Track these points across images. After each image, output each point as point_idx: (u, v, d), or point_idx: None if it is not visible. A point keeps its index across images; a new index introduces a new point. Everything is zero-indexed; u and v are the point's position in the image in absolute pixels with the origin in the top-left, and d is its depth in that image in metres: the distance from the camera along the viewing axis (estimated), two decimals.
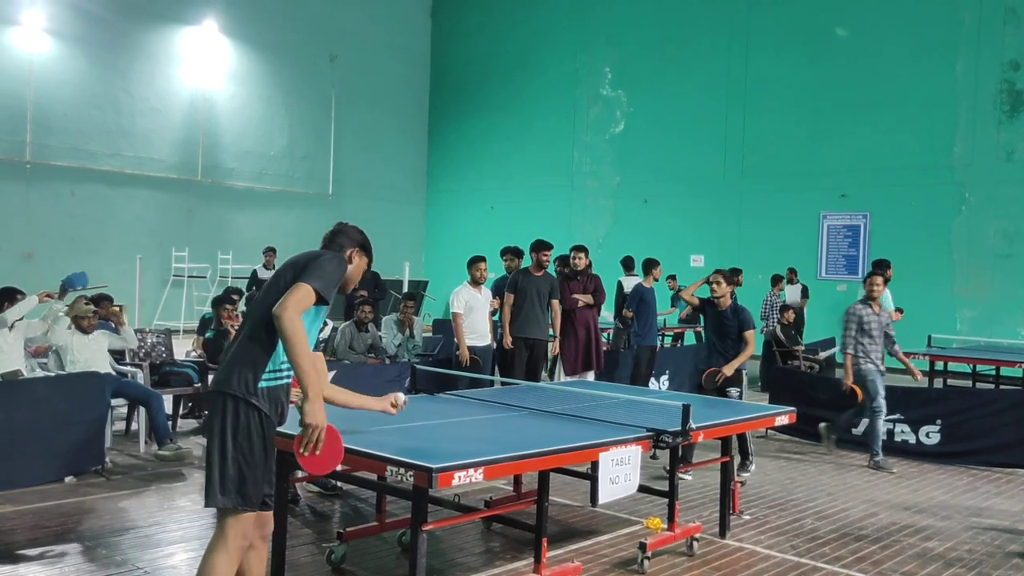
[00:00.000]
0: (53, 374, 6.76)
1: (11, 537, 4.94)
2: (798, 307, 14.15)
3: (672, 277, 15.29)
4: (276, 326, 3.17)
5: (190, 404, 8.56)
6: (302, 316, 3.20)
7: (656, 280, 10.47)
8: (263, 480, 3.31)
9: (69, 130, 17.00)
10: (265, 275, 12.43)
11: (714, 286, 7.21)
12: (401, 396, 4.09)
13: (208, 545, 3.32)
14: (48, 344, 7.15)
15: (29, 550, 4.73)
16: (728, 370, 6.99)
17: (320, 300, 3.27)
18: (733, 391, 7.07)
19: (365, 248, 3.68)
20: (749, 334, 7.11)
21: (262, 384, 3.27)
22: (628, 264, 12.52)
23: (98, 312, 7.36)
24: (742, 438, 7.03)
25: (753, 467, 7.24)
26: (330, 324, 9.30)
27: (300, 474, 5.01)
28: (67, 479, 6.11)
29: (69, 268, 16.67)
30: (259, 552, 3.46)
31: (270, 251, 14.72)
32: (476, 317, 8.44)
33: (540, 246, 8.75)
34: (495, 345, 8.68)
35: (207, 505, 3.28)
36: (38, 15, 16.57)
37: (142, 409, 7.10)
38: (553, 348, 8.99)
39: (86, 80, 17.27)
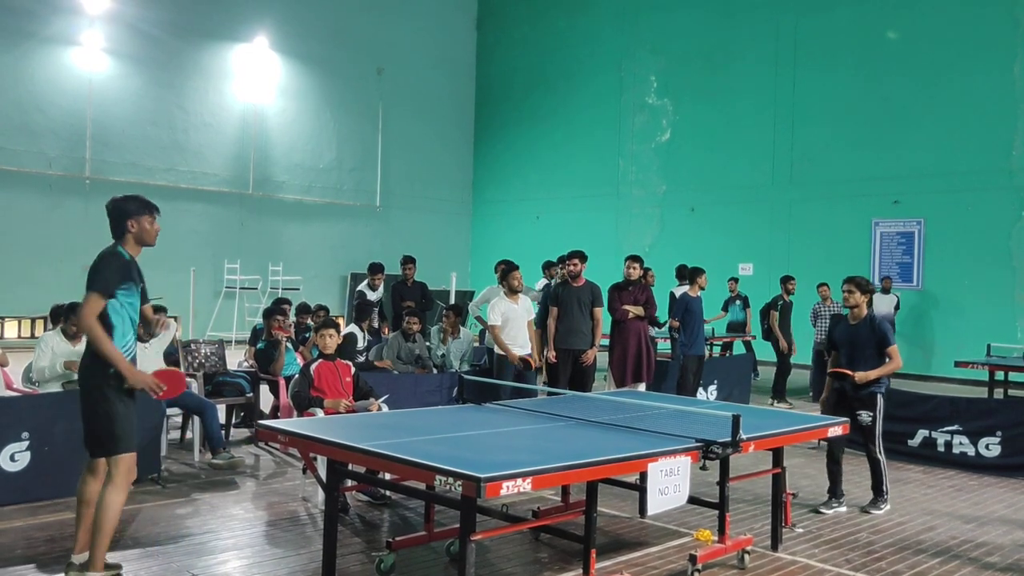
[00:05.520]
0: None
1: (71, 543, 5.06)
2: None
3: (734, 280, 14.94)
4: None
5: (243, 414, 8.71)
6: (112, 310, 4.13)
7: (702, 288, 10.33)
8: (133, 427, 4.19)
9: (126, 146, 17.50)
10: (372, 296, 10.81)
11: (846, 295, 6.26)
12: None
13: (102, 488, 4.16)
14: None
15: None
16: (862, 377, 6.05)
17: (108, 295, 4.11)
18: (865, 415, 6.15)
19: (139, 212, 4.25)
20: (893, 349, 6.11)
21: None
22: (683, 274, 12.26)
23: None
24: (876, 468, 6.19)
25: (886, 507, 6.22)
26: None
27: (350, 483, 5.07)
28: None
29: None
30: (99, 482, 4.23)
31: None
32: (515, 328, 8.35)
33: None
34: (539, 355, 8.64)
35: (93, 456, 4.23)
36: (97, 36, 17.11)
37: (196, 418, 7.25)
38: (587, 356, 8.50)
39: (142, 97, 17.77)
